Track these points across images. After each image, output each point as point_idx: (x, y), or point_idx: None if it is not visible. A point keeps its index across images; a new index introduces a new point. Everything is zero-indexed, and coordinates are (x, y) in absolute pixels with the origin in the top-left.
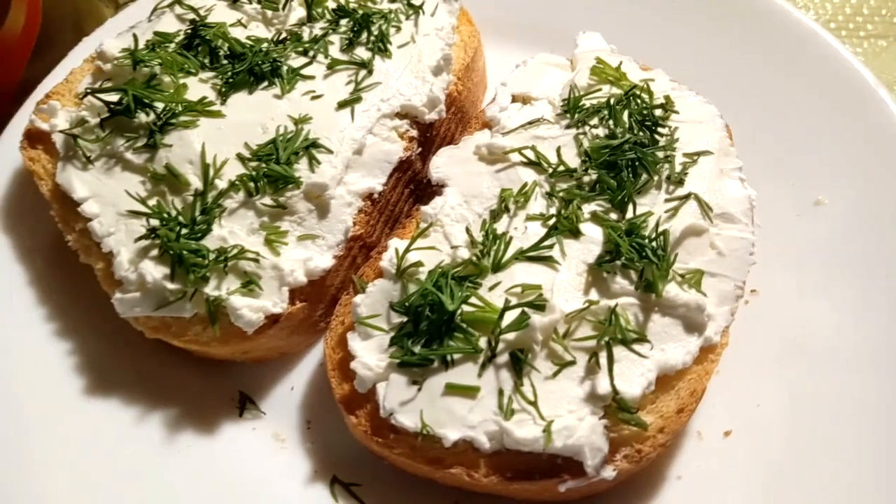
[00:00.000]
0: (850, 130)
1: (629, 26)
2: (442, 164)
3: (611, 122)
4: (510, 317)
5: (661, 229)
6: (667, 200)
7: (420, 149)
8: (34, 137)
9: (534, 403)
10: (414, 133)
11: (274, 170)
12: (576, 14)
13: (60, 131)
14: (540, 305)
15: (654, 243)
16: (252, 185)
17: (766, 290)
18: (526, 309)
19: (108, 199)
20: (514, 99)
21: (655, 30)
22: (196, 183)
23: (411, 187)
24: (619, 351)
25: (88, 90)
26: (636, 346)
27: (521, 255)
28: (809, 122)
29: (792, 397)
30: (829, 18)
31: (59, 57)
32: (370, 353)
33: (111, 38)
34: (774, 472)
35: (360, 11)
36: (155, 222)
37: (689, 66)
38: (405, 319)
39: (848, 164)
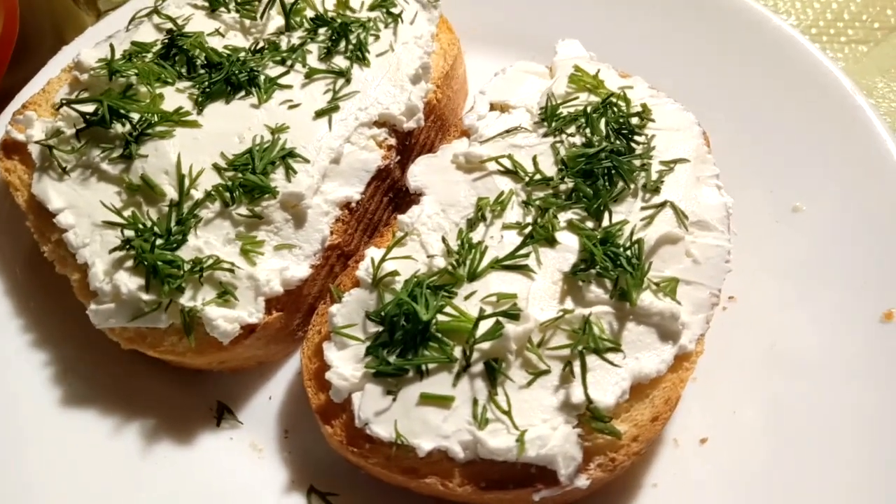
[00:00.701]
0: (828, 137)
1: (609, 33)
2: (420, 173)
3: (588, 130)
4: (484, 326)
5: (635, 237)
6: (643, 209)
7: (399, 157)
8: (10, 148)
9: (507, 413)
10: (392, 141)
11: (250, 179)
12: (556, 21)
13: (36, 142)
14: (514, 315)
15: (628, 252)
16: (228, 195)
17: (743, 297)
18: (500, 318)
19: (84, 209)
20: (493, 107)
21: (635, 37)
22: (171, 193)
23: (390, 195)
24: (593, 360)
25: (64, 101)
26: (609, 355)
27: (497, 264)
28: (788, 129)
29: (768, 404)
30: (811, 24)
31: (39, 65)
32: (346, 363)
33: (90, 47)
34: (751, 479)
35: (339, 20)
36: (130, 233)
37: (669, 72)
38: (381, 329)
39: (826, 171)
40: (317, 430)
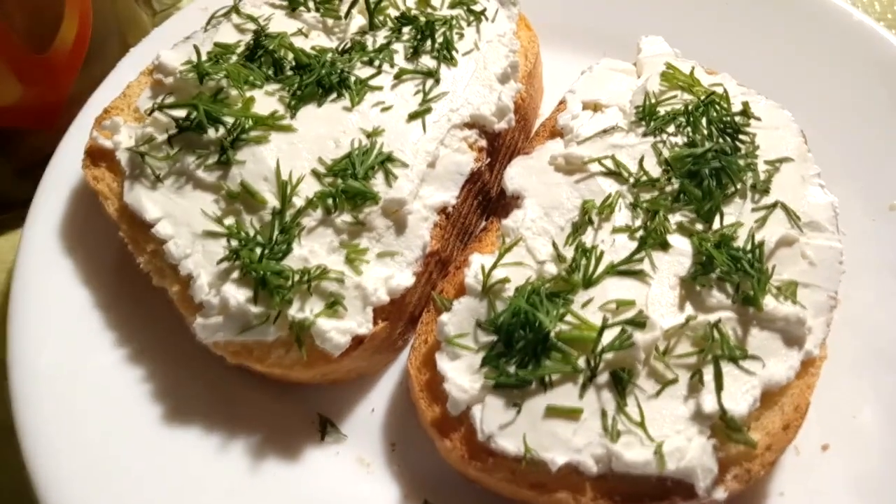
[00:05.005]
0: None
1: (686, 29)
2: (517, 175)
3: (689, 129)
4: (609, 335)
5: (757, 240)
6: (754, 210)
7: (489, 159)
8: (96, 155)
9: (641, 424)
10: (483, 143)
11: (352, 186)
12: (631, 17)
13: (128, 149)
14: (640, 322)
15: (749, 255)
16: (330, 201)
17: (847, 298)
18: (626, 326)
19: (182, 219)
20: (585, 106)
21: (715, 33)
22: (272, 201)
23: (479, 199)
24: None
25: (157, 105)
26: (744, 363)
27: (613, 270)
28: (878, 124)
29: (887, 406)
30: (878, 17)
31: (106, 68)
32: (461, 375)
33: (163, 48)
34: (876, 484)
35: (423, 18)
36: (235, 243)
37: (752, 68)
38: (494, 339)
39: None
40: (425, 443)
